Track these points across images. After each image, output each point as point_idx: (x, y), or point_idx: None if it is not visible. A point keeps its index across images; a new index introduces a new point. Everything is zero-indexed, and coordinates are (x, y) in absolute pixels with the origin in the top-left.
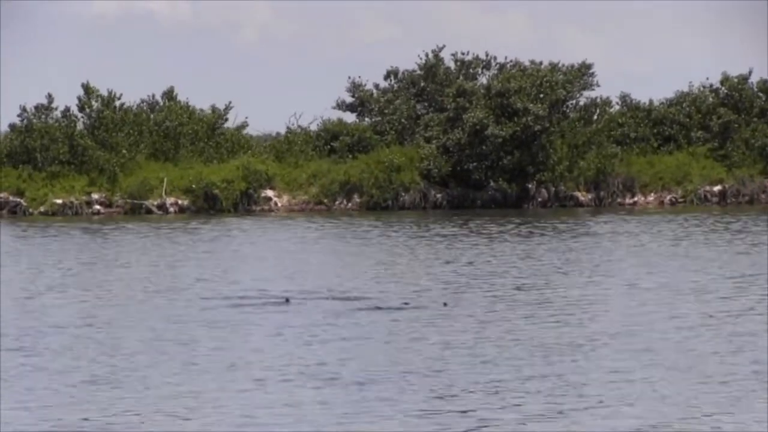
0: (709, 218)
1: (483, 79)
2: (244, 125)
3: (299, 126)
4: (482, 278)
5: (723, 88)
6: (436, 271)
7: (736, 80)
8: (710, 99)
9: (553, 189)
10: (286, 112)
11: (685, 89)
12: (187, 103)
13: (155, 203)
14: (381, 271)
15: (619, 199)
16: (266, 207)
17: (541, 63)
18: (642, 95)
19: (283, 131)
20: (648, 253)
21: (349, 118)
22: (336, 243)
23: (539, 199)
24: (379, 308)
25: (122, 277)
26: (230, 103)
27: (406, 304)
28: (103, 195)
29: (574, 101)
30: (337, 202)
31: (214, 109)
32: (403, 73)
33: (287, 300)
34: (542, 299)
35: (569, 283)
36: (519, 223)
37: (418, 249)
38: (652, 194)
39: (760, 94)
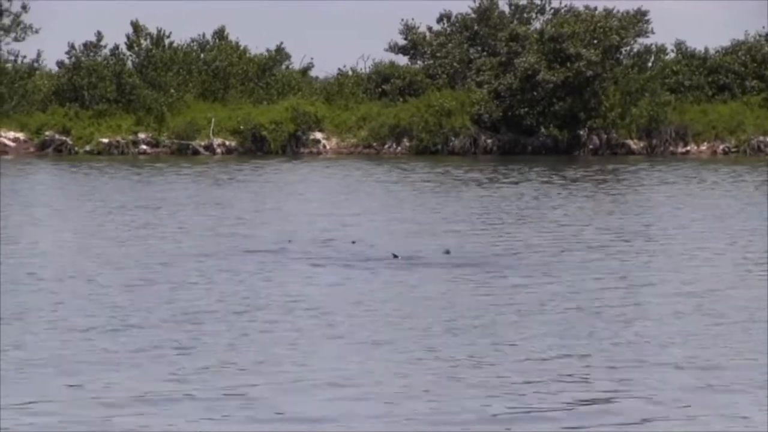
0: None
1: (536, 24)
2: (309, 67)
3: (351, 68)
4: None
5: None
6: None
7: None
8: (766, 48)
9: (605, 136)
10: (342, 54)
11: (741, 38)
12: (238, 42)
13: (202, 144)
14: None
15: (671, 148)
16: (314, 149)
17: (595, 8)
18: (697, 43)
19: (348, 73)
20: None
21: (401, 60)
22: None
23: (590, 147)
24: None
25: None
26: (282, 43)
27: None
28: (150, 135)
29: (628, 48)
30: (386, 146)
31: (278, 50)
32: (456, 16)
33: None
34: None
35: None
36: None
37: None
38: (705, 143)
39: None
